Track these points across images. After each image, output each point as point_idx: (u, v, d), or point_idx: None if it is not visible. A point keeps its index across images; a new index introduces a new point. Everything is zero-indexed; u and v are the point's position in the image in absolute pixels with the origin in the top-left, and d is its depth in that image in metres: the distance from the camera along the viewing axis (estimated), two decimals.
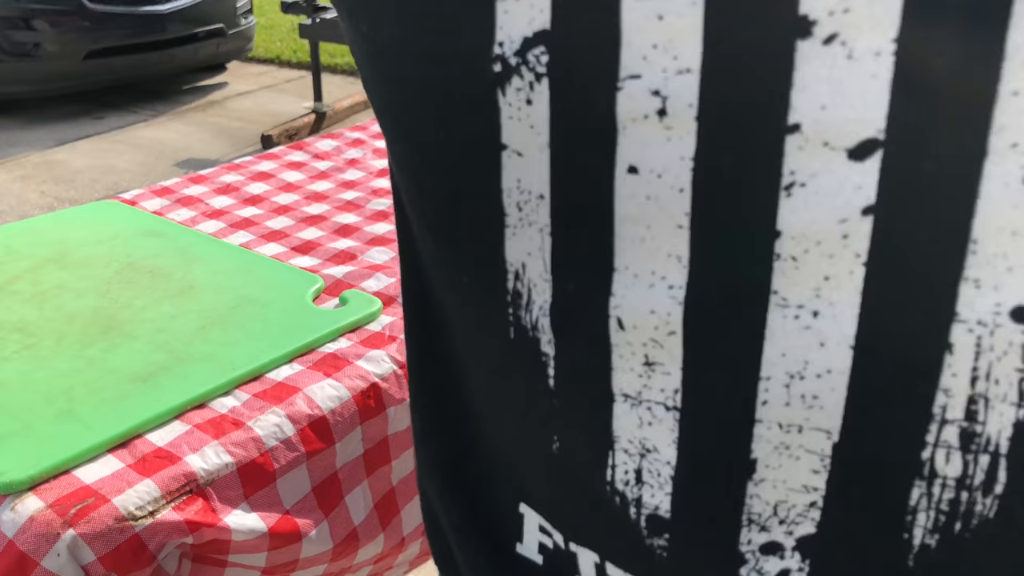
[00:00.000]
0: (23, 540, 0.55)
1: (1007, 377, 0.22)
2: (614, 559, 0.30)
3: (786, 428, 0.24)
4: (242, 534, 0.63)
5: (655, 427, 0.26)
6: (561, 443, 0.29)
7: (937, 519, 0.24)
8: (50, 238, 0.98)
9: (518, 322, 0.28)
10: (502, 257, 0.27)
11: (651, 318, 0.24)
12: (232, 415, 0.67)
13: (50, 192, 3.51)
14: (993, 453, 0.23)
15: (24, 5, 4.16)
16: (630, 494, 0.28)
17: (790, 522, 0.26)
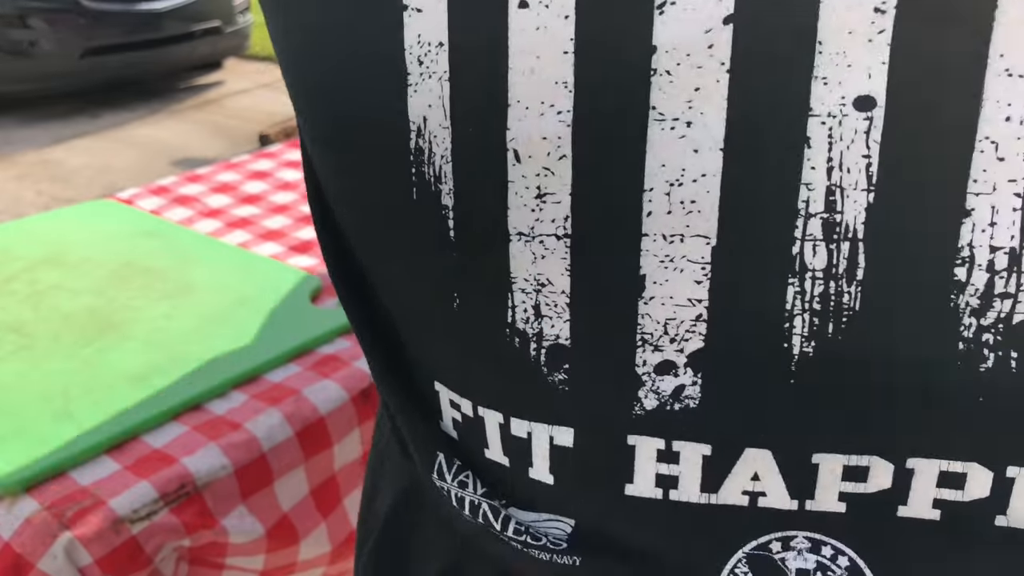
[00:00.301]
0: (19, 542, 0.55)
1: (856, 165, 0.24)
2: (517, 412, 0.31)
3: (669, 239, 0.26)
4: (240, 536, 0.62)
5: (548, 259, 0.28)
6: (461, 298, 0.30)
7: (812, 322, 0.26)
8: (46, 238, 0.98)
9: (421, 179, 0.29)
10: (405, 117, 0.28)
11: (543, 144, 0.26)
12: (230, 417, 0.67)
13: (46, 191, 3.50)
14: (852, 239, 0.25)
15: (20, 3, 4.15)
16: (530, 330, 0.29)
17: (680, 339, 0.27)
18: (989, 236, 0.24)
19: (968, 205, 0.24)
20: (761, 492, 0.29)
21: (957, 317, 0.25)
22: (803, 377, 0.27)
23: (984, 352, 0.26)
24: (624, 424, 0.29)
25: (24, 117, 4.36)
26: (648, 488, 0.30)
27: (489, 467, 0.33)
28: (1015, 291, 0.25)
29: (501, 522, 0.33)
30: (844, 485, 0.28)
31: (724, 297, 0.27)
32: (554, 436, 0.31)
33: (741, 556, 0.30)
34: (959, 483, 0.28)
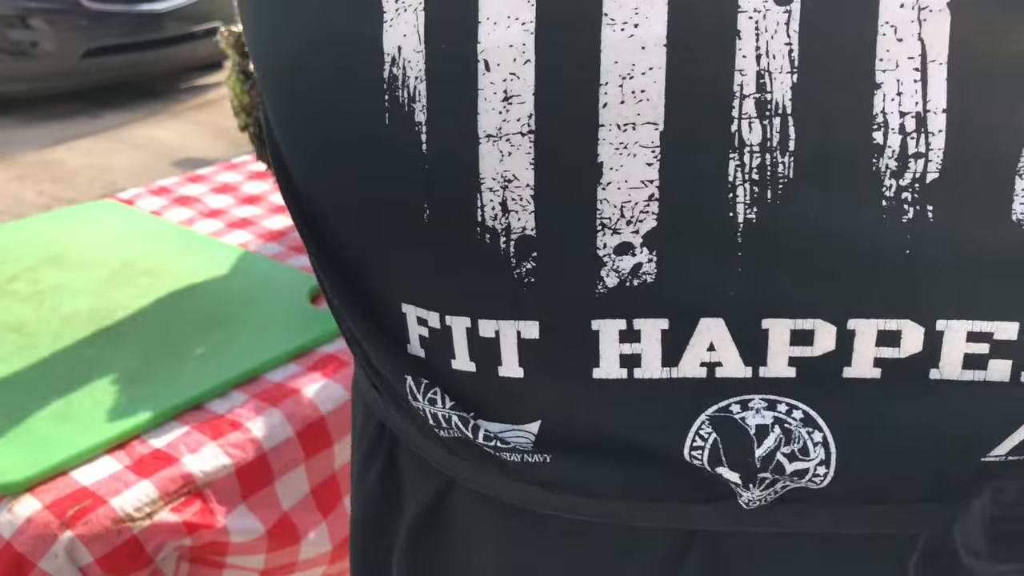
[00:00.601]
0: (20, 542, 0.55)
1: (780, 51, 0.28)
2: (485, 312, 0.33)
3: (623, 127, 0.30)
4: (240, 536, 0.63)
5: (514, 155, 0.31)
6: (432, 208, 0.33)
7: (752, 191, 0.29)
8: (47, 238, 0.98)
9: (394, 103, 0.32)
10: (380, 50, 0.31)
11: (510, 52, 0.30)
12: (230, 416, 0.67)
13: (47, 191, 3.50)
14: (782, 115, 0.29)
15: (21, 3, 4.15)
16: (499, 226, 0.32)
17: (635, 220, 0.31)
18: (898, 104, 0.28)
19: (878, 80, 0.28)
20: (717, 362, 0.32)
21: (879, 179, 0.29)
22: (748, 244, 0.30)
23: (904, 207, 0.29)
24: (588, 308, 0.32)
25: (25, 117, 4.36)
26: (614, 369, 0.33)
27: (456, 379, 0.36)
28: (925, 150, 0.28)
29: (471, 431, 0.36)
30: (792, 350, 0.31)
31: (673, 176, 0.30)
32: (521, 331, 0.33)
33: (704, 419, 0.32)
34: (895, 341, 0.31)
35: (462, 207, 0.32)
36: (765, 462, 0.32)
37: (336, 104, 0.34)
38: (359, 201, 0.35)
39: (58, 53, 4.27)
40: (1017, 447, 0.31)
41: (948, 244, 0.29)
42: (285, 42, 0.35)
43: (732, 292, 0.31)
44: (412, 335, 0.36)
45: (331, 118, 0.34)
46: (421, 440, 0.39)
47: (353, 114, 0.33)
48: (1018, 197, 0.28)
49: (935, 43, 0.27)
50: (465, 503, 0.39)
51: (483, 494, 0.38)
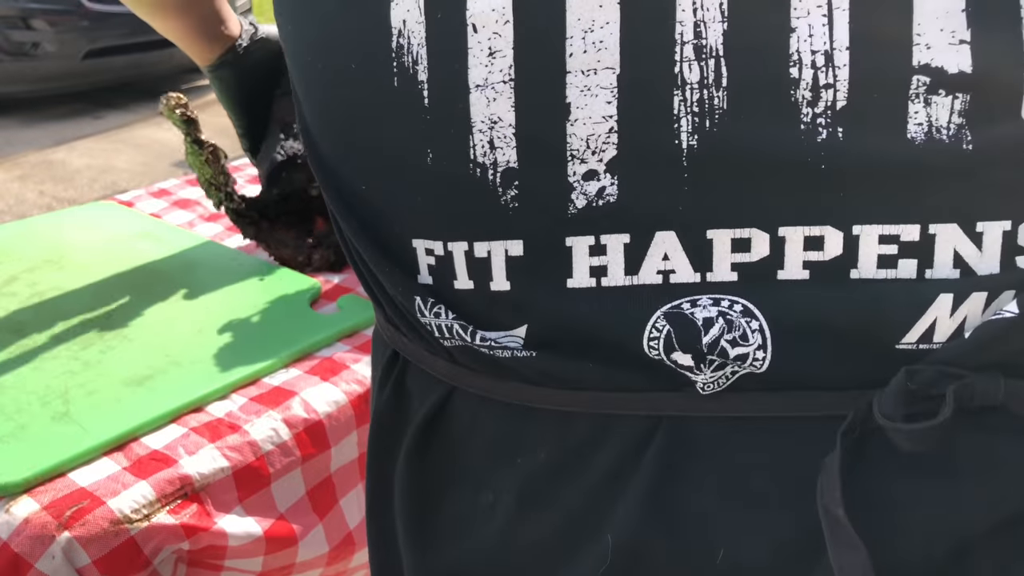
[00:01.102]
0: (18, 543, 0.55)
1: (712, 3, 0.34)
2: (478, 236, 0.40)
3: (587, 72, 0.36)
4: (238, 539, 0.63)
5: (498, 100, 0.37)
6: (433, 152, 0.39)
7: (693, 121, 0.35)
8: (47, 239, 0.98)
9: (401, 68, 0.39)
10: (387, 26, 0.39)
11: (492, 15, 0.37)
12: (228, 419, 0.67)
13: (49, 192, 3.51)
14: (716, 57, 0.35)
15: (23, 4, 4.15)
16: (487, 160, 0.38)
17: (599, 150, 0.37)
18: (810, 44, 0.34)
19: (792, 24, 0.34)
20: (671, 270, 0.38)
21: (797, 107, 0.35)
22: (692, 166, 0.36)
23: (819, 130, 0.35)
24: (562, 226, 0.38)
25: (26, 118, 4.36)
26: (584, 279, 0.39)
27: (458, 297, 0.42)
28: (833, 82, 0.34)
29: (470, 335, 0.42)
30: (734, 256, 0.37)
31: (628, 112, 0.36)
32: (508, 249, 0.40)
33: (659, 314, 0.38)
34: (820, 245, 0.36)
35: (457, 148, 0.39)
36: (711, 347, 0.38)
37: (355, 75, 0.41)
38: (376, 155, 0.42)
39: (60, 54, 4.27)
40: (924, 335, 0.36)
41: (856, 159, 0.35)
42: (313, 29, 0.43)
43: (681, 207, 0.37)
44: (422, 265, 0.43)
45: (351, 87, 0.41)
46: (427, 356, 0.46)
47: (369, 81, 0.40)
48: (912, 119, 0.34)
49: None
50: (465, 404, 0.46)
51: (480, 395, 0.45)
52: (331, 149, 0.45)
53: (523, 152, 0.38)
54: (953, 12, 0.33)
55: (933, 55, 0.34)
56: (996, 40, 0.34)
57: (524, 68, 0.37)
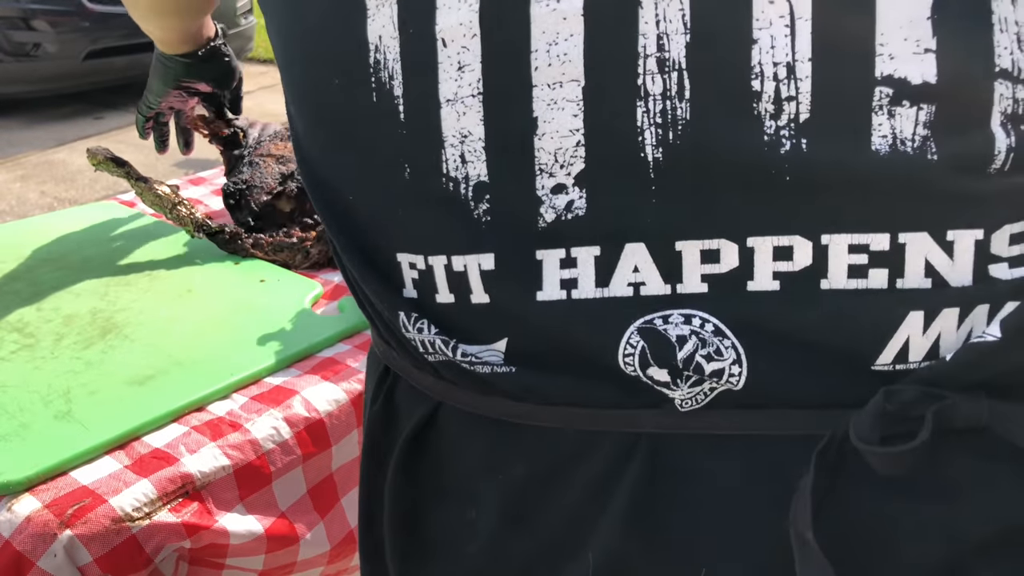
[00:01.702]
0: (20, 540, 0.55)
1: (675, 16, 0.34)
2: (455, 250, 0.40)
3: (552, 86, 0.36)
4: (240, 537, 0.63)
5: (468, 115, 0.38)
6: (410, 166, 0.40)
7: (657, 133, 0.35)
8: (49, 239, 0.98)
9: (379, 83, 0.39)
10: (364, 41, 0.39)
11: (460, 29, 0.37)
12: (230, 417, 0.67)
13: (50, 192, 3.51)
14: (679, 70, 0.35)
15: (24, 5, 4.15)
16: (459, 175, 0.39)
17: (567, 164, 0.37)
18: (772, 56, 0.34)
19: (754, 36, 0.34)
20: (642, 282, 0.38)
21: (760, 120, 0.34)
22: (658, 178, 0.36)
23: (783, 141, 0.34)
24: (532, 239, 0.38)
25: (28, 119, 4.37)
26: (555, 292, 0.39)
27: (441, 310, 0.42)
28: (796, 94, 0.34)
29: (451, 351, 0.42)
30: (704, 268, 0.37)
31: (594, 124, 0.36)
32: (481, 263, 0.40)
33: (633, 330, 0.38)
34: (789, 255, 0.36)
35: (431, 162, 0.39)
36: (687, 363, 0.37)
37: (338, 89, 0.41)
38: (360, 168, 0.42)
39: (61, 55, 4.28)
40: (899, 355, 0.36)
41: (821, 171, 0.35)
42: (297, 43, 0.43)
43: (649, 219, 0.37)
44: (406, 279, 0.43)
45: (335, 101, 0.42)
46: (415, 372, 0.47)
47: (350, 96, 0.41)
48: (876, 130, 0.34)
49: (800, 3, 0.33)
50: (450, 419, 0.46)
51: (465, 411, 0.45)
52: (319, 160, 0.45)
53: (493, 166, 0.38)
54: (918, 20, 0.33)
55: (896, 65, 0.33)
56: (964, 48, 0.33)
57: (492, 82, 0.37)
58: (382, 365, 0.51)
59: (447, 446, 0.47)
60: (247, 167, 1.02)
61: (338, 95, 0.41)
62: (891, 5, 0.33)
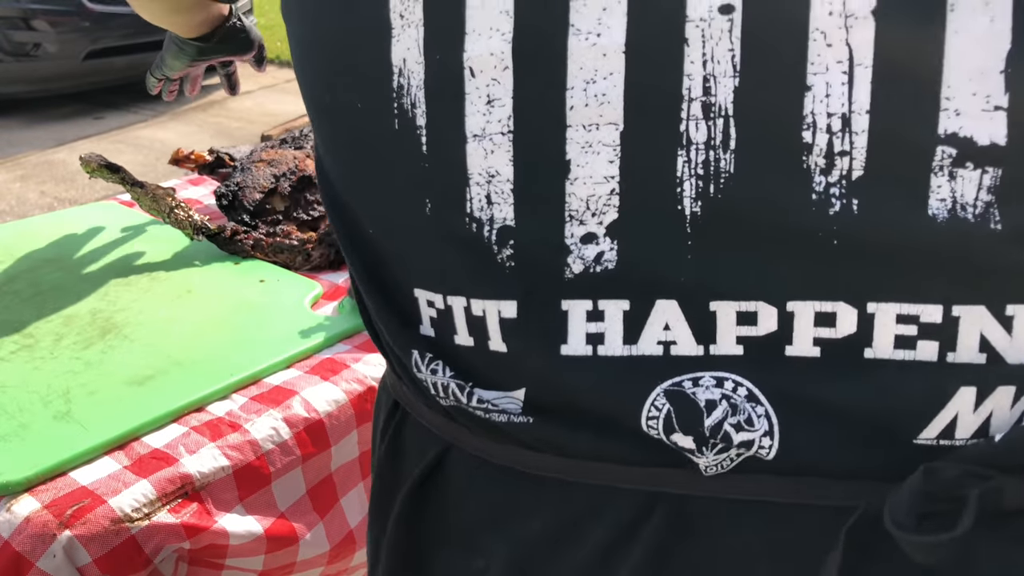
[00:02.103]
0: (19, 541, 0.55)
1: (724, 57, 0.31)
2: (475, 293, 0.38)
3: (588, 127, 0.33)
4: (239, 538, 0.63)
5: (496, 153, 0.35)
6: (432, 201, 0.37)
7: (698, 185, 0.33)
8: (49, 239, 0.98)
9: (401, 110, 0.37)
10: (388, 63, 0.36)
11: (491, 59, 0.34)
12: (229, 418, 0.67)
13: (50, 192, 3.51)
14: (725, 116, 0.32)
15: (24, 5, 4.15)
16: (484, 216, 0.36)
17: (599, 212, 0.34)
18: (826, 105, 0.31)
19: (808, 82, 0.31)
20: (672, 341, 0.35)
21: (809, 175, 0.32)
22: (696, 234, 0.33)
23: (832, 201, 0.32)
24: (558, 289, 0.36)
25: (28, 119, 4.37)
26: (580, 346, 0.36)
27: (459, 352, 0.40)
28: (850, 149, 0.31)
29: (466, 397, 0.40)
30: (739, 329, 0.34)
31: (631, 172, 0.34)
32: (501, 310, 0.37)
33: (659, 391, 0.36)
34: (831, 321, 0.33)
35: (454, 200, 0.37)
36: (714, 431, 0.35)
37: (360, 112, 0.39)
38: (380, 198, 0.40)
39: (61, 55, 4.27)
40: (945, 431, 0.33)
41: (872, 234, 0.32)
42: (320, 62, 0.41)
43: (683, 277, 0.34)
44: (424, 317, 0.41)
45: (356, 124, 0.39)
46: (425, 411, 0.44)
47: (372, 121, 0.38)
48: (934, 193, 0.31)
49: (861, 48, 0.30)
50: (460, 464, 0.44)
51: (476, 456, 0.42)
52: (339, 183, 0.43)
53: (520, 210, 0.36)
54: (989, 73, 0.29)
55: (962, 123, 0.30)
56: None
57: (523, 119, 0.34)
58: (392, 399, 0.49)
59: (456, 491, 0.44)
60: (239, 172, 1.03)
61: (360, 118, 0.39)
62: (962, 54, 0.29)
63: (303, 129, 1.16)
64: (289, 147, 1.09)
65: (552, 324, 0.37)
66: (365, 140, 0.39)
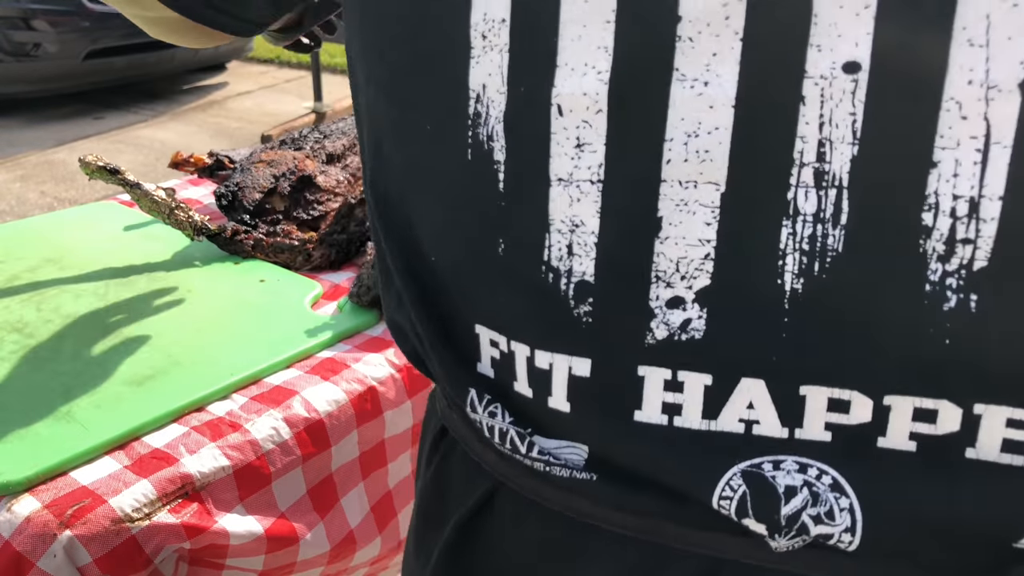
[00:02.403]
0: (19, 541, 0.55)
1: (844, 121, 0.28)
2: (542, 344, 0.35)
3: (685, 184, 0.30)
4: (239, 538, 0.63)
5: (583, 202, 0.32)
6: (505, 243, 0.35)
7: (801, 261, 0.30)
8: (49, 239, 0.98)
9: (476, 141, 0.34)
10: (464, 85, 0.33)
11: (583, 100, 0.31)
12: (229, 418, 0.67)
13: (50, 192, 3.51)
14: (838, 187, 0.29)
15: (24, 5, 4.16)
16: (563, 267, 0.33)
17: (689, 276, 0.32)
18: (952, 186, 0.28)
19: (935, 157, 0.28)
20: (755, 420, 0.33)
21: (925, 261, 0.29)
22: (793, 313, 0.30)
23: (947, 294, 0.29)
24: (636, 354, 0.33)
25: (28, 119, 4.37)
26: (655, 415, 0.34)
27: (517, 399, 0.38)
28: (975, 237, 0.28)
29: (526, 446, 0.38)
30: (829, 416, 0.32)
31: (729, 238, 0.30)
32: (573, 366, 0.35)
33: (736, 471, 0.33)
34: (932, 418, 0.31)
35: (531, 245, 0.34)
36: (791, 521, 0.32)
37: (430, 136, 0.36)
38: (447, 229, 0.37)
39: (61, 54, 4.28)
40: None
41: (989, 335, 0.29)
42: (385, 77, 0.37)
43: (775, 357, 0.31)
44: (484, 355, 0.39)
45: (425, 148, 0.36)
46: (477, 445, 0.42)
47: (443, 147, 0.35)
48: None
49: (1001, 124, 0.26)
50: (510, 503, 0.41)
51: (529, 498, 0.39)
52: (397, 203, 0.40)
53: (603, 265, 0.33)
54: None
55: None
56: None
57: (615, 169, 0.31)
58: (441, 423, 0.46)
59: (504, 533, 0.42)
60: (239, 173, 1.04)
61: (428, 143, 0.36)
62: None
63: (303, 130, 1.16)
64: (289, 148, 1.09)
65: (627, 389, 0.34)
66: (433, 166, 0.36)
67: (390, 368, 0.76)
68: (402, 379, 0.76)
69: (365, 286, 0.83)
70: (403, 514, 0.80)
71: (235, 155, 1.13)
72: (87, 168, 0.93)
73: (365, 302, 0.83)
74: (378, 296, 0.83)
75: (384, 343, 0.79)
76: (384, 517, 0.77)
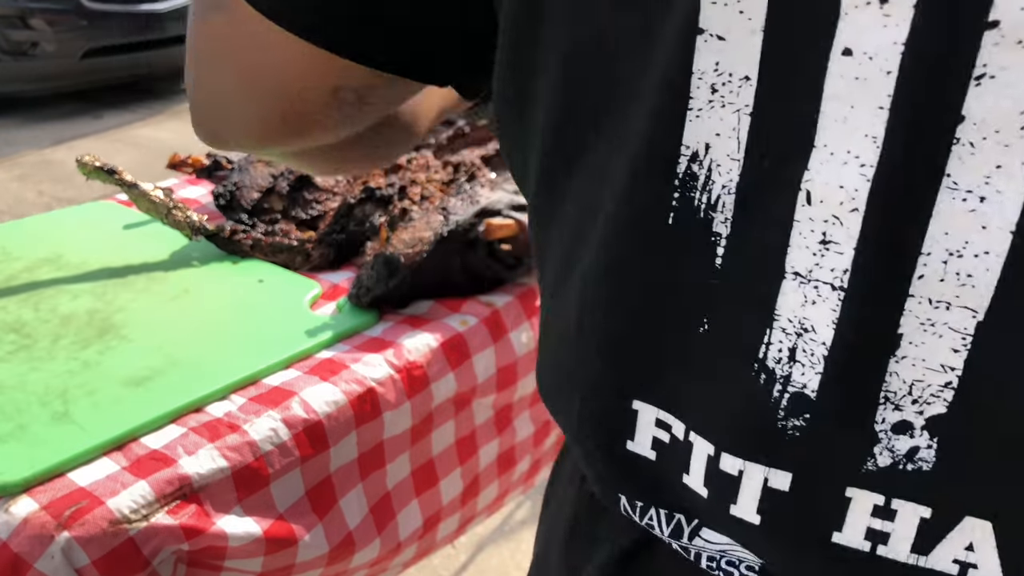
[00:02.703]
0: (17, 542, 0.55)
1: None
2: (734, 448, 0.31)
3: (935, 304, 0.26)
4: (238, 539, 0.63)
5: (818, 306, 0.28)
6: (711, 324, 0.30)
7: None
8: (47, 238, 0.98)
9: (684, 201, 0.29)
10: (677, 141, 0.29)
11: (839, 193, 0.26)
12: (228, 419, 0.67)
13: (48, 191, 3.51)
14: None
15: (22, 4, 4.15)
16: (779, 372, 0.29)
17: (923, 401, 0.28)
18: None
19: None
20: (973, 564, 0.29)
21: None
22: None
23: None
24: (849, 476, 0.30)
25: (26, 118, 4.36)
26: (856, 539, 0.30)
27: (683, 492, 0.34)
28: None
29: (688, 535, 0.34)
30: None
31: (979, 370, 0.27)
32: (769, 478, 0.31)
33: None
34: None
35: (743, 337, 0.30)
36: None
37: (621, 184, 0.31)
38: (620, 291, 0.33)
39: (59, 53, 4.27)
40: None
41: None
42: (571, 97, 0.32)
43: (1011, 501, 0.28)
44: (642, 434, 0.34)
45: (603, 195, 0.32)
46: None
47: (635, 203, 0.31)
48: None
49: None
50: (663, 558, 0.37)
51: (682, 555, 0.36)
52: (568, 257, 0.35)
53: (828, 383, 0.29)
54: None
55: None
56: None
57: (861, 278, 0.27)
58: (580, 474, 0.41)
59: None
60: (237, 172, 1.04)
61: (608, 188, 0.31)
62: None
63: None
64: None
65: (829, 508, 0.30)
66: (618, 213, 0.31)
67: (389, 369, 0.76)
68: (401, 380, 0.76)
69: (364, 286, 0.83)
70: (402, 516, 0.80)
71: (233, 156, 1.14)
72: (84, 168, 0.93)
73: (364, 302, 0.83)
74: (378, 296, 0.83)
75: (383, 344, 0.79)
76: (383, 518, 0.77)
